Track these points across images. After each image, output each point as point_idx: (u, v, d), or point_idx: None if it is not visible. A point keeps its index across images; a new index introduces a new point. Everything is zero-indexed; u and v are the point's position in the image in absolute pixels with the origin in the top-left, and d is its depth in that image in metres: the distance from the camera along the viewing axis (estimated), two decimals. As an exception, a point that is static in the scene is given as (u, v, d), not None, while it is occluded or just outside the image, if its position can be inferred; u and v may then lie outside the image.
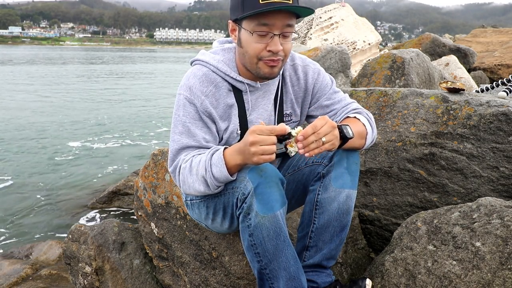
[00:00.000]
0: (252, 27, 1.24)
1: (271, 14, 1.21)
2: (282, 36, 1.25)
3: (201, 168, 1.25)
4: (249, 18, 1.24)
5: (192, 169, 1.27)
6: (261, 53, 1.26)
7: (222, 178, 1.23)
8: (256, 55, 1.27)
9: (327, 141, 1.18)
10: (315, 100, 1.51)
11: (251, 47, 1.27)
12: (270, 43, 1.24)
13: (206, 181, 1.25)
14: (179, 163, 1.32)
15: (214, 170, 1.23)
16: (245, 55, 1.30)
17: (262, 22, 1.22)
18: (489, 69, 7.11)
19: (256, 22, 1.22)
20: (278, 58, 1.27)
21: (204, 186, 1.27)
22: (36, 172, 6.19)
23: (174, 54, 75.49)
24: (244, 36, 1.28)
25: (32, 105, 12.29)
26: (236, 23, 1.31)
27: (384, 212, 1.94)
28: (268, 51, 1.25)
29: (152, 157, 2.15)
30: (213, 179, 1.24)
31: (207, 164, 1.24)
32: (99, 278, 2.24)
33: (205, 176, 1.24)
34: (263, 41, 1.25)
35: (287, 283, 1.27)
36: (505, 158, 1.68)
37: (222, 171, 1.22)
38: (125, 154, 7.39)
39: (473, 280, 1.25)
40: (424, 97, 1.96)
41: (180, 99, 1.35)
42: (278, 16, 1.22)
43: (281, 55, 1.27)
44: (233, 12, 1.29)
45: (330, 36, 8.02)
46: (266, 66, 1.29)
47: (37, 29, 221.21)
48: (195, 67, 1.41)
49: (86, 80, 20.93)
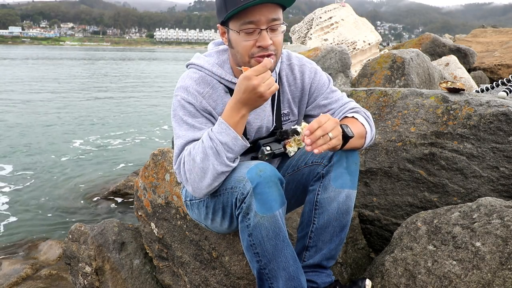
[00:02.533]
0: (238, 27, 1.24)
1: (255, 10, 1.20)
2: (270, 30, 1.24)
3: (206, 141, 1.21)
4: (234, 18, 1.24)
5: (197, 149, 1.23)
6: (251, 50, 1.25)
7: (231, 142, 1.21)
8: (247, 53, 1.26)
9: (334, 136, 1.17)
10: (313, 99, 1.50)
11: (240, 46, 1.26)
12: (259, 39, 1.23)
13: (216, 152, 1.20)
14: (183, 155, 1.28)
15: (220, 136, 1.20)
16: (236, 55, 1.30)
17: (247, 20, 1.22)
18: (489, 69, 7.11)
19: (241, 21, 1.22)
20: (269, 53, 1.26)
21: (216, 159, 1.21)
22: (36, 172, 6.19)
23: (174, 54, 75.53)
24: (233, 37, 1.28)
25: (29, 105, 12.30)
26: (224, 26, 1.31)
27: (384, 212, 1.94)
28: (258, 47, 1.24)
29: (152, 157, 2.15)
30: (222, 145, 1.20)
31: (211, 134, 1.22)
32: (99, 278, 2.24)
33: (213, 146, 1.20)
34: (252, 38, 1.24)
35: (287, 283, 1.27)
36: (505, 158, 1.68)
37: (229, 134, 1.20)
38: (125, 154, 7.39)
39: (473, 280, 1.25)
40: (424, 97, 1.96)
41: (177, 100, 1.34)
42: (262, 11, 1.21)
43: (272, 49, 1.26)
44: (219, 15, 1.29)
45: (330, 36, 8.01)
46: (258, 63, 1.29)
47: (37, 29, 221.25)
48: (190, 70, 1.40)
49: (86, 80, 20.94)
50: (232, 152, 1.22)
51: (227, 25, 1.28)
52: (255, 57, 1.26)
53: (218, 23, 1.32)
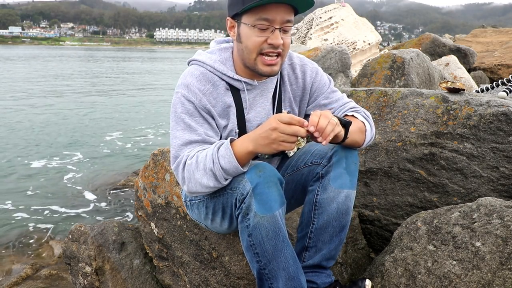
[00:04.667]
0: (253, 21, 1.25)
1: (272, 8, 1.22)
2: (283, 30, 1.27)
3: (208, 162, 1.22)
4: (249, 12, 1.25)
5: (198, 164, 1.24)
6: (261, 46, 1.27)
7: (231, 170, 1.21)
8: (256, 48, 1.28)
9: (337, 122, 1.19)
10: (313, 99, 1.51)
11: (251, 40, 1.27)
12: (271, 37, 1.25)
13: (214, 175, 1.22)
14: (183, 159, 1.29)
15: (222, 161, 1.20)
16: (244, 50, 1.31)
17: (263, 16, 1.23)
18: (489, 69, 7.11)
19: (257, 16, 1.24)
20: (278, 51, 1.28)
21: (213, 180, 1.23)
22: (35, 172, 6.19)
23: (174, 54, 75.55)
24: (244, 31, 1.29)
25: (26, 105, 12.30)
26: (234, 20, 1.32)
27: (384, 212, 1.94)
28: (269, 44, 1.26)
29: (152, 157, 2.14)
30: (222, 171, 1.21)
31: (215, 156, 1.21)
32: (99, 278, 2.24)
33: (213, 169, 1.21)
34: (264, 34, 1.26)
35: (286, 283, 1.27)
36: (505, 158, 1.68)
37: (231, 162, 1.19)
38: (125, 154, 7.39)
39: (473, 280, 1.25)
40: (424, 97, 1.96)
41: (177, 97, 1.34)
42: (279, 11, 1.23)
43: (281, 49, 1.28)
44: (232, 8, 1.30)
45: (330, 36, 8.01)
46: (264, 65, 1.29)
47: (37, 29, 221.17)
48: (192, 66, 1.40)
49: (86, 79, 20.94)
50: (230, 175, 1.24)
51: (240, 18, 1.29)
52: (263, 53, 1.28)
53: (229, 16, 1.33)
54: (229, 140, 1.22)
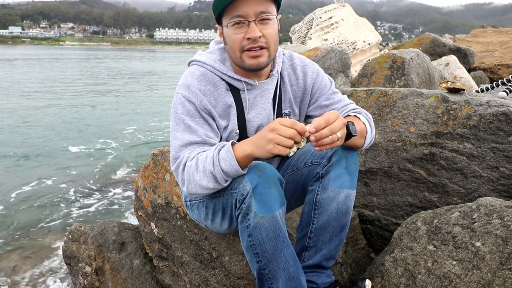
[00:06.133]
0: (228, 20, 1.27)
1: (242, 4, 1.23)
2: (260, 22, 1.26)
3: (209, 164, 1.21)
4: (225, 14, 1.28)
5: (198, 166, 1.23)
6: (241, 43, 1.27)
7: (231, 172, 1.20)
8: (237, 45, 1.28)
9: (341, 136, 1.16)
10: (314, 100, 1.51)
11: (231, 39, 1.29)
12: (248, 31, 1.26)
13: (214, 177, 1.22)
14: (183, 161, 1.29)
15: (222, 164, 1.20)
16: (230, 51, 1.33)
17: (236, 13, 1.25)
18: (489, 69, 7.11)
19: (230, 15, 1.26)
20: (259, 44, 1.27)
21: (213, 182, 1.23)
22: (35, 173, 6.19)
23: (174, 54, 75.54)
24: (226, 32, 1.31)
25: (25, 104, 12.30)
26: (220, 25, 1.35)
27: (384, 212, 1.94)
28: (247, 39, 1.26)
29: (152, 157, 2.14)
30: (222, 173, 1.20)
31: (215, 158, 1.21)
32: (99, 278, 2.24)
33: (213, 171, 1.21)
34: (241, 31, 1.27)
35: (287, 283, 1.27)
36: (505, 158, 1.68)
37: (231, 164, 1.19)
38: (125, 153, 7.39)
39: (473, 280, 1.25)
40: (424, 97, 1.96)
41: (178, 98, 1.34)
42: (249, 4, 1.23)
43: (263, 41, 1.27)
44: (214, 14, 1.33)
45: (330, 36, 8.02)
46: (249, 57, 1.29)
47: (37, 29, 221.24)
48: (192, 67, 1.41)
49: (85, 79, 20.94)
50: (230, 177, 1.24)
51: (221, 22, 1.32)
52: (245, 50, 1.28)
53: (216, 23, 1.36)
54: (230, 143, 1.22)
